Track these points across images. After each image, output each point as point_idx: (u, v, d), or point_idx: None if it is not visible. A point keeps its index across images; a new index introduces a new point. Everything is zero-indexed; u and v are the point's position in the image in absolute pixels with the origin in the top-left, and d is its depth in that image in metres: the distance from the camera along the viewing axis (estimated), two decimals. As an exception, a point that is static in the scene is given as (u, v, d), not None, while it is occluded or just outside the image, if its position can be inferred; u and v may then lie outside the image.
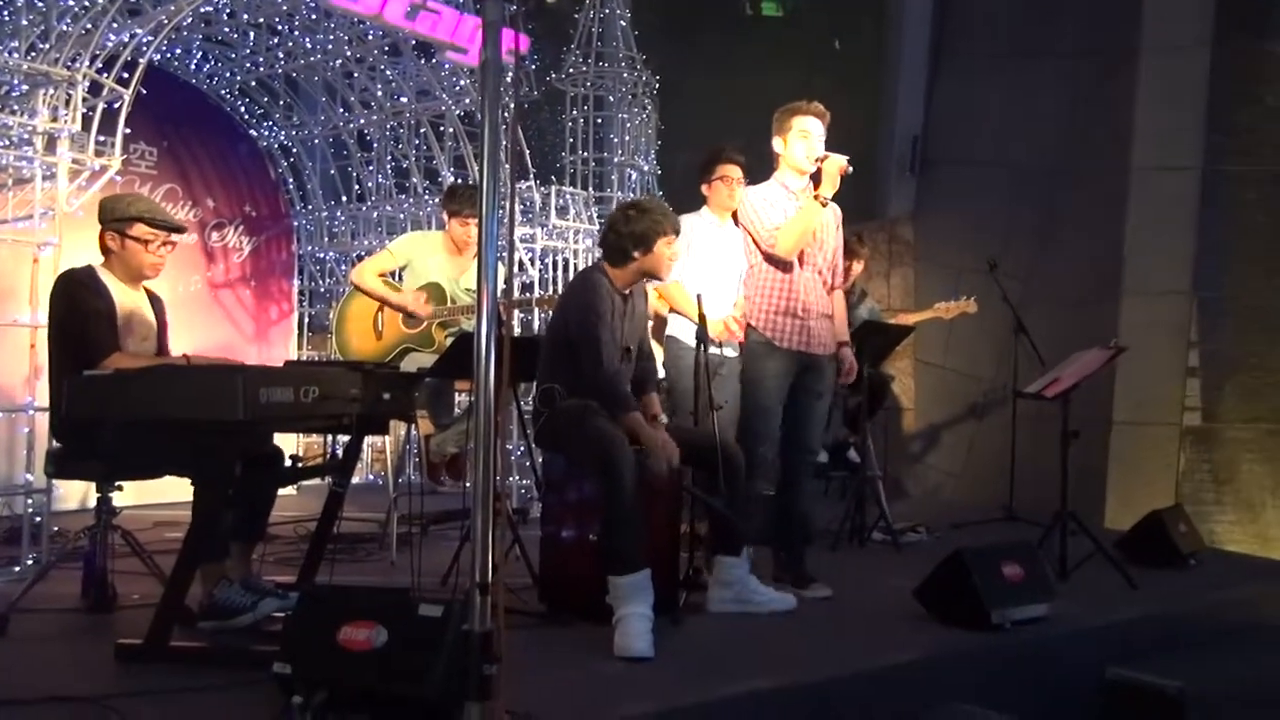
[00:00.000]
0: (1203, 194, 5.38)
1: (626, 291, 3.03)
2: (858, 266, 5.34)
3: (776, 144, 3.42)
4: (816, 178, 3.41)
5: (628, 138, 6.41)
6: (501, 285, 2.21)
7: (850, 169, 3.28)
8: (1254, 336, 5.33)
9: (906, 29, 7.08)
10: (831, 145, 3.54)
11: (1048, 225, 6.08)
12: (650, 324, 3.28)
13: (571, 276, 5.46)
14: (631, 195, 6.37)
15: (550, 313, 3.74)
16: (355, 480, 3.74)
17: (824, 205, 3.32)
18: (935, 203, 7.16)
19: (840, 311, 3.53)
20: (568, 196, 5.81)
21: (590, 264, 3.36)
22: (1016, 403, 5.16)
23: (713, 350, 3.21)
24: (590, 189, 6.34)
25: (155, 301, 3.10)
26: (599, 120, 6.41)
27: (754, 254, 3.43)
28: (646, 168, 6.48)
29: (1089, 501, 5.05)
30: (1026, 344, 5.16)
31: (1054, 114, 6.07)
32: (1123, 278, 5.46)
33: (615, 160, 6.41)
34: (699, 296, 3.11)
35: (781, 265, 3.40)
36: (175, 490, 2.89)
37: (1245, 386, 5.30)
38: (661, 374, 3.40)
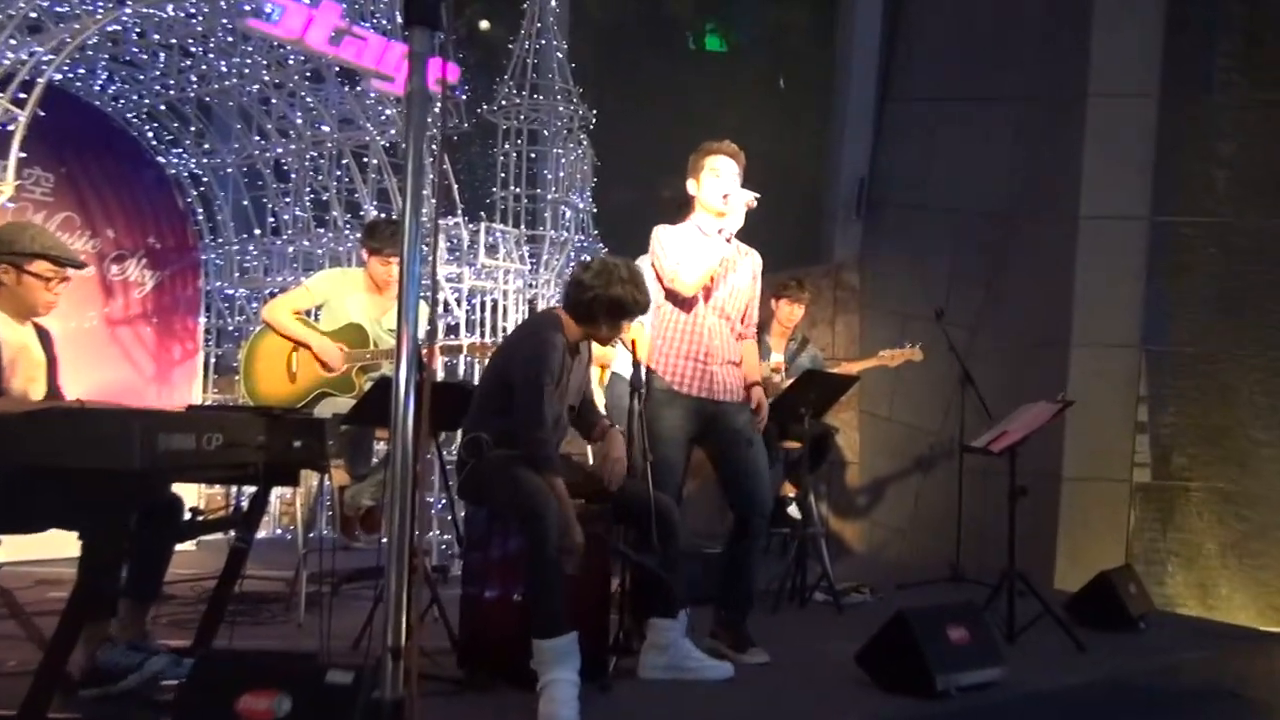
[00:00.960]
0: (1151, 244, 5.44)
1: (577, 346, 3.09)
2: (799, 312, 5.43)
3: (690, 186, 3.46)
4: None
5: (562, 174, 6.37)
6: (424, 327, 2.18)
7: (755, 203, 3.31)
8: (1204, 390, 5.37)
9: (854, 68, 7.19)
10: (774, 185, 3.58)
11: (996, 273, 6.12)
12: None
13: (503, 319, 5.73)
14: (565, 234, 6.37)
15: (480, 360, 3.87)
16: (261, 535, 3.70)
17: (728, 240, 3.32)
18: (882, 247, 7.17)
19: (750, 358, 3.55)
20: (498, 234, 5.84)
21: (548, 307, 3.34)
22: (963, 457, 5.25)
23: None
24: (522, 226, 6.30)
25: (44, 336, 3.02)
26: (532, 155, 6.39)
27: (659, 295, 3.45)
28: (582, 205, 6.45)
29: (1038, 559, 5.08)
30: (974, 396, 5.19)
31: (1003, 159, 6.14)
32: (1071, 328, 5.46)
33: (549, 197, 6.37)
34: (634, 342, 3.11)
35: (684, 305, 3.40)
36: (61, 545, 2.72)
37: (1195, 442, 5.34)
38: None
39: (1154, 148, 5.46)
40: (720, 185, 3.43)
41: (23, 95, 3.90)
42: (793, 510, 5.20)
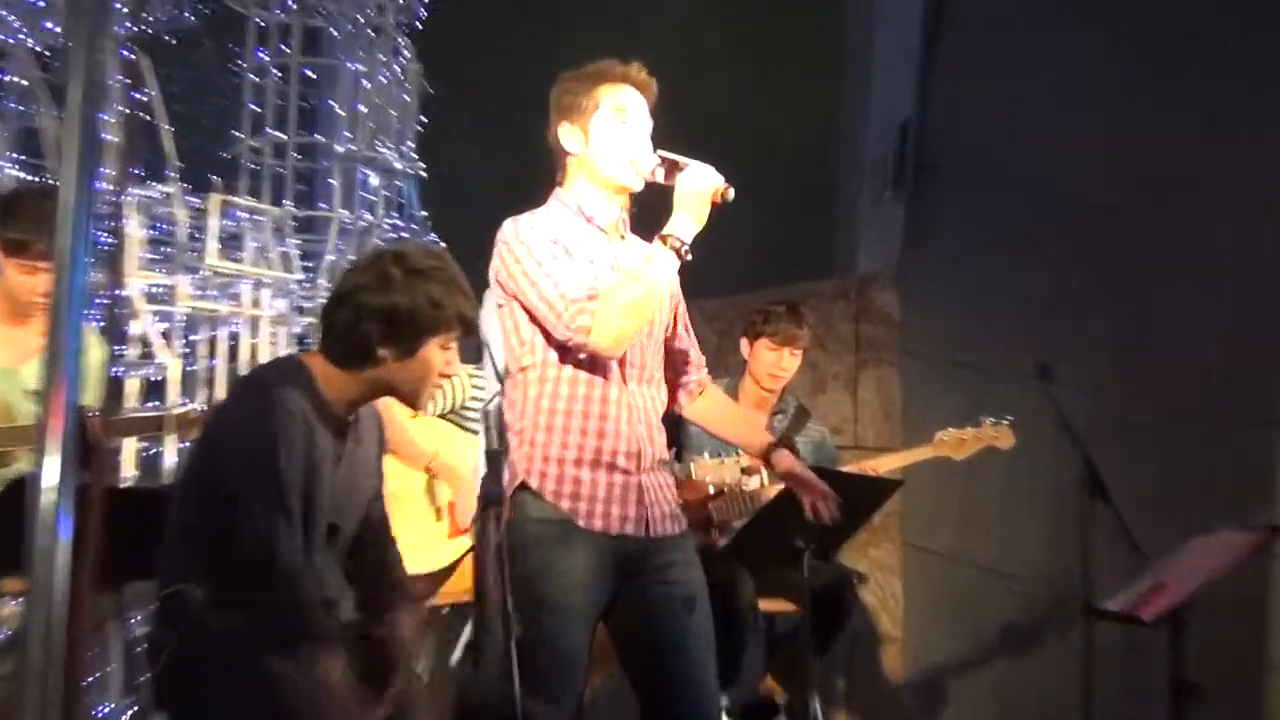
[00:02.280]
0: None
1: (349, 418, 2.96)
2: (791, 362, 5.13)
3: (566, 138, 3.36)
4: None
5: (364, 108, 6.23)
6: (97, 384, 2.20)
7: (730, 192, 3.19)
8: None
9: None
10: (752, 163, 3.84)
11: (1133, 297, 5.85)
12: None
13: (250, 367, 5.56)
14: (366, 217, 6.30)
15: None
16: None
17: (683, 256, 3.21)
18: (936, 250, 6.93)
19: (731, 413, 3.74)
20: (242, 216, 5.76)
21: (285, 355, 3.50)
22: (1091, 625, 4.74)
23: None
24: (291, 202, 6.14)
25: None
26: (311, 74, 6.26)
27: (527, 348, 3.29)
28: (400, 165, 6.38)
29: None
30: (1107, 513, 4.69)
31: (1143, 112, 5.83)
32: (1271, 388, 5.08)
33: (338, 150, 6.23)
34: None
35: (586, 368, 3.27)
36: None
37: None
38: None
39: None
40: (630, 136, 3.32)
41: None
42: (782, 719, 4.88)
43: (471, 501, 3.13)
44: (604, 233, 3.34)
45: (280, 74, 6.29)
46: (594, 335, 3.15)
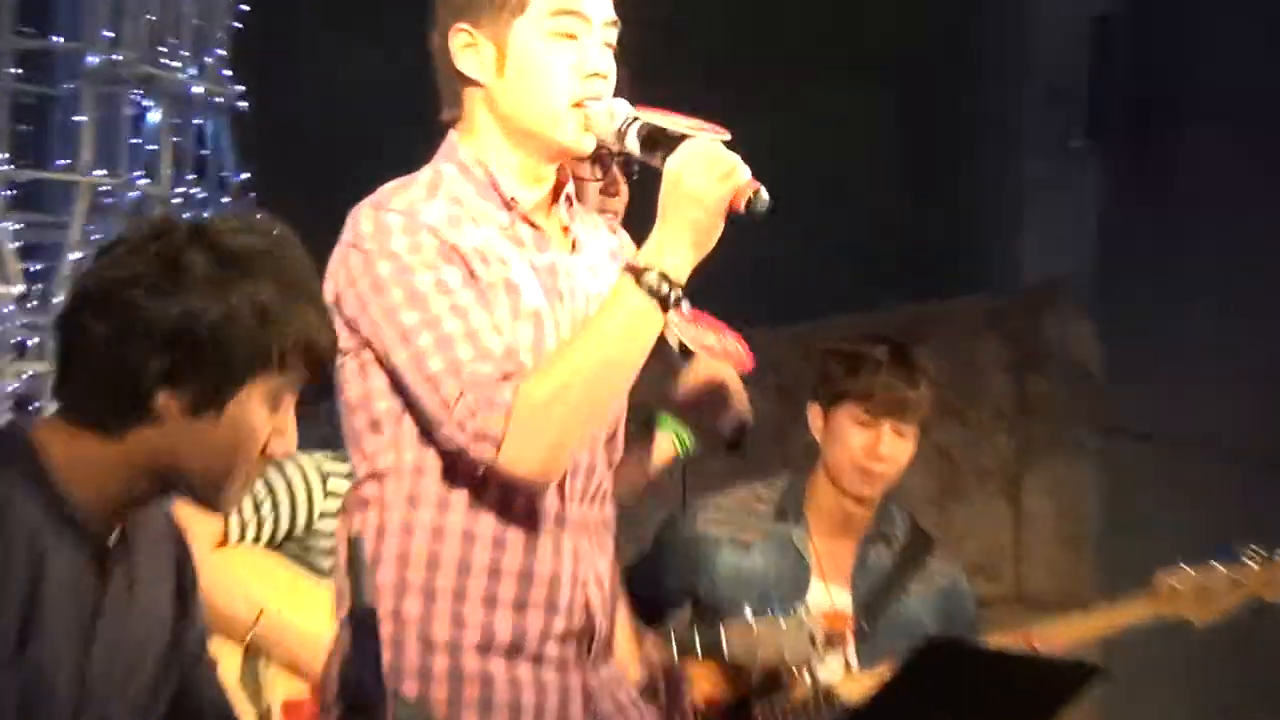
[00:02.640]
0: None
1: (112, 529, 2.57)
2: (898, 446, 4.56)
3: (465, 55, 2.94)
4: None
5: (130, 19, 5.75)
6: None
7: (763, 196, 2.78)
8: None
9: None
10: (826, 111, 5.29)
11: None
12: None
13: None
14: (142, 186, 5.83)
15: None
16: None
17: (671, 304, 2.87)
18: (1166, 248, 6.30)
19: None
20: None
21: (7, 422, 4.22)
22: None
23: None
24: (5, 155, 5.67)
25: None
26: None
27: (386, 440, 2.98)
28: (199, 91, 5.97)
29: None
30: None
31: None
32: None
33: (90, 63, 5.72)
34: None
35: (491, 480, 2.99)
36: None
37: None
38: None
39: None
40: (581, 61, 2.94)
41: None
42: None
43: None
44: (532, 226, 2.96)
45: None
46: (508, 451, 2.82)
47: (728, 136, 2.88)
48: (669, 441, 3.55)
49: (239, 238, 2.41)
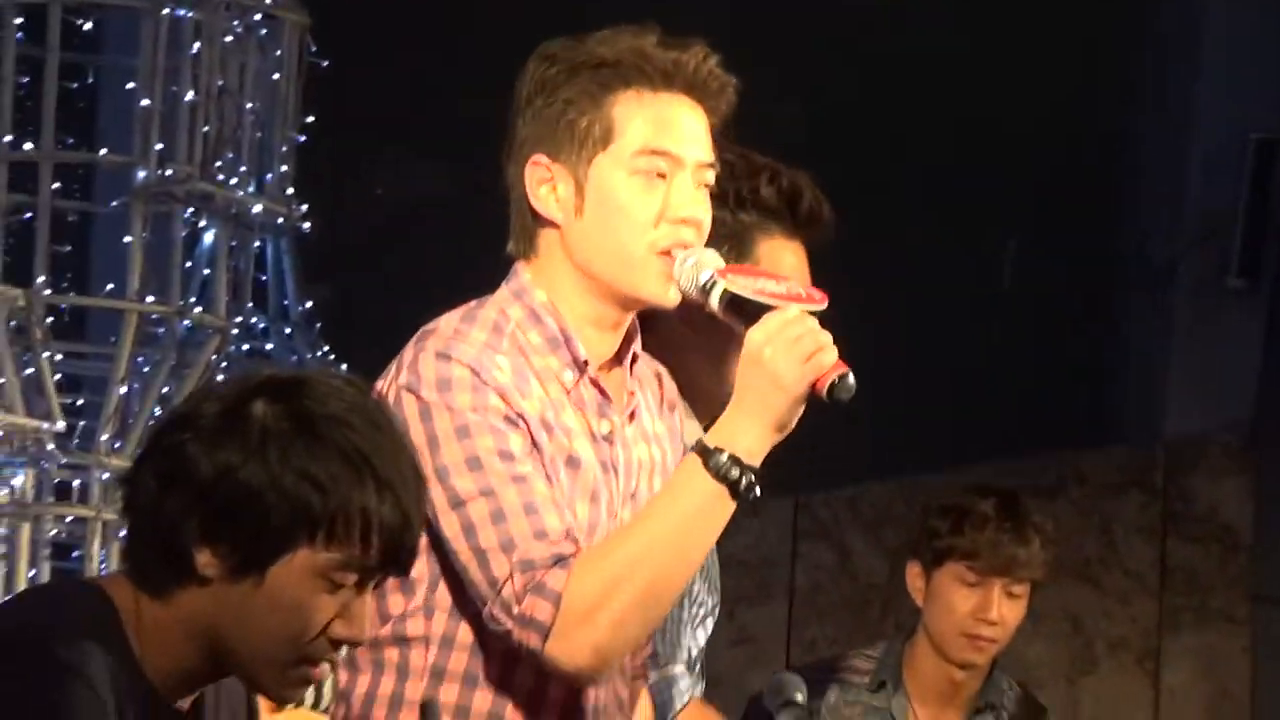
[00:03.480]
0: None
1: (183, 702, 2.32)
2: (1011, 608, 4.41)
3: (540, 192, 2.64)
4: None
5: (193, 96, 5.70)
6: None
7: (849, 382, 2.49)
8: None
9: None
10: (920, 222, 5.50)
11: None
12: None
13: None
14: (195, 316, 5.81)
15: None
16: None
17: (743, 491, 2.54)
18: None
19: None
20: None
21: (72, 580, 4.19)
22: None
23: None
24: (47, 277, 5.66)
25: None
26: (86, 79, 5.89)
27: (418, 603, 2.77)
28: (259, 210, 5.75)
29: None
30: None
31: None
32: None
33: (140, 178, 5.64)
34: None
35: (534, 671, 2.76)
36: None
37: None
38: None
39: None
40: (670, 210, 2.64)
41: None
42: None
43: None
44: (599, 390, 2.67)
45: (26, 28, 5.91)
46: (556, 642, 2.59)
47: (822, 305, 2.58)
48: None
49: (322, 396, 2.09)
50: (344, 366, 5.44)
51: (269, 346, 6.06)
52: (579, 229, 2.67)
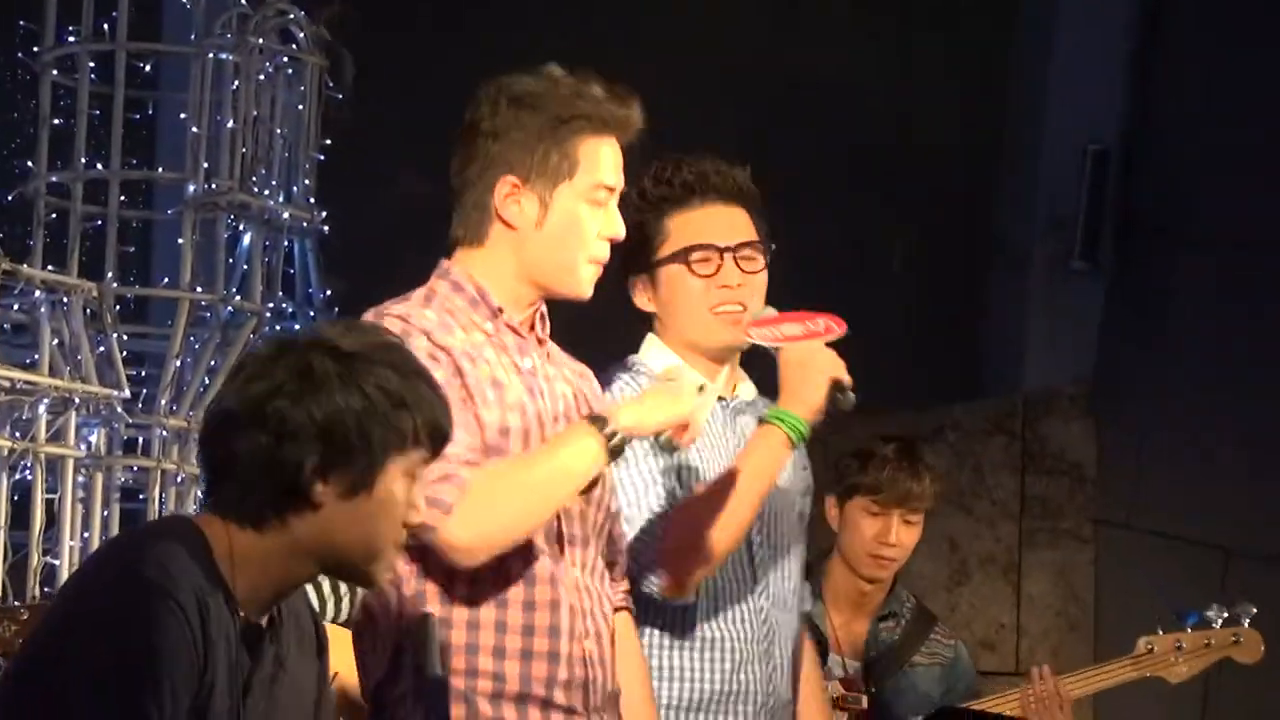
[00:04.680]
0: None
1: (266, 617, 2.69)
2: (906, 533, 4.81)
3: (509, 210, 3.22)
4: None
5: (233, 125, 5.97)
6: None
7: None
8: None
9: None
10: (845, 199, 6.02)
11: None
12: None
13: (45, 537, 5.62)
14: (236, 303, 6.09)
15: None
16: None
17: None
18: (1155, 357, 6.67)
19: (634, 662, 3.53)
20: (36, 297, 5.53)
21: (169, 516, 4.37)
22: None
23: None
24: (114, 273, 5.83)
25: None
26: (144, 69, 6.12)
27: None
28: (288, 217, 6.09)
29: None
30: None
31: None
32: None
33: (191, 191, 5.94)
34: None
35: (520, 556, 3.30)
36: None
37: None
38: None
39: None
40: (605, 229, 3.24)
41: None
42: None
43: None
44: (515, 333, 3.18)
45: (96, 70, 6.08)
46: (453, 522, 3.02)
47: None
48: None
49: (351, 338, 2.60)
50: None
51: (296, 327, 6.17)
52: (537, 238, 3.15)
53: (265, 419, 2.52)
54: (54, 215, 5.96)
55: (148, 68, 6.20)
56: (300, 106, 6.13)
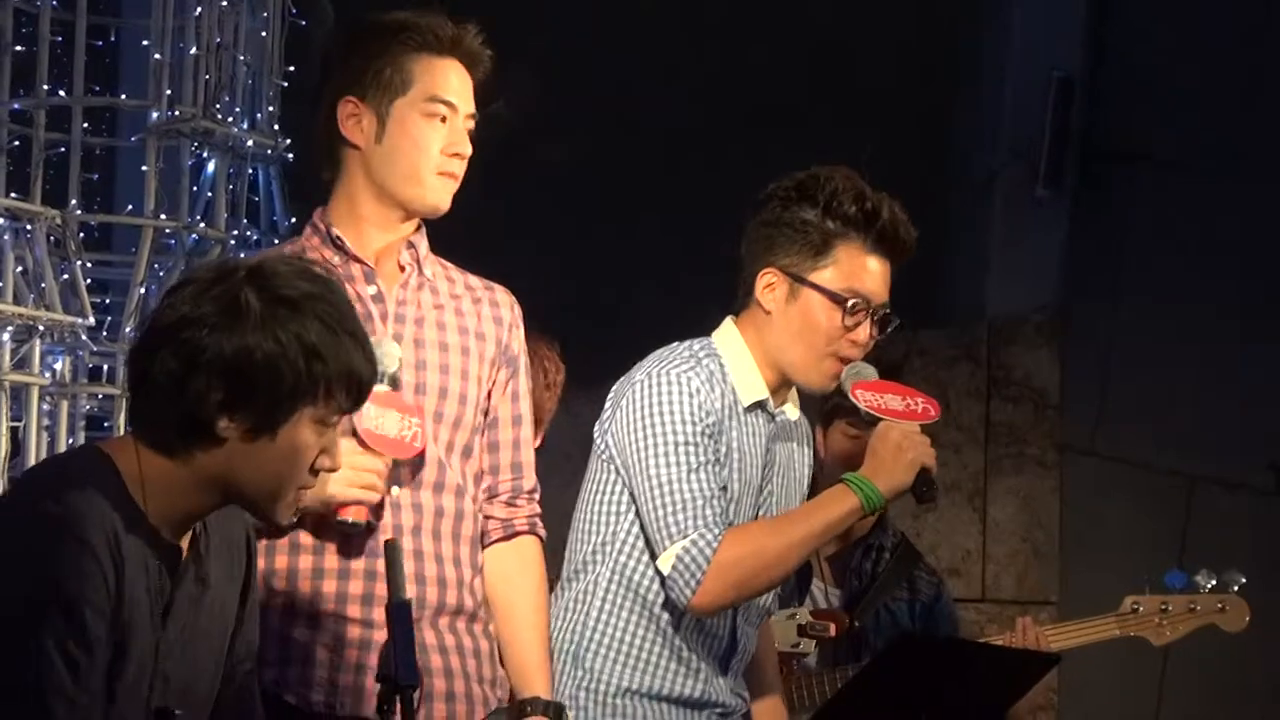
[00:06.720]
0: None
1: (182, 538, 2.74)
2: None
3: (350, 129, 3.35)
4: None
5: (196, 51, 5.91)
6: None
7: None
8: None
9: None
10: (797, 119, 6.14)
11: None
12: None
13: (11, 467, 5.65)
14: (200, 231, 6.01)
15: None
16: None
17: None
18: (1120, 284, 6.76)
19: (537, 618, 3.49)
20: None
21: (78, 448, 4.21)
22: None
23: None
24: (77, 200, 5.83)
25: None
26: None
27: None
28: (251, 144, 6.10)
29: None
30: None
31: None
32: None
33: (153, 118, 5.94)
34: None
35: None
36: None
37: None
38: None
39: None
40: (448, 145, 3.31)
41: None
42: None
43: None
44: (359, 262, 3.24)
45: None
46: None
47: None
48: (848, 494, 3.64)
49: (290, 281, 2.61)
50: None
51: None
52: (379, 152, 3.21)
53: (179, 345, 2.53)
54: (16, 142, 5.91)
55: (112, -2, 6.30)
56: (264, 33, 6.09)
